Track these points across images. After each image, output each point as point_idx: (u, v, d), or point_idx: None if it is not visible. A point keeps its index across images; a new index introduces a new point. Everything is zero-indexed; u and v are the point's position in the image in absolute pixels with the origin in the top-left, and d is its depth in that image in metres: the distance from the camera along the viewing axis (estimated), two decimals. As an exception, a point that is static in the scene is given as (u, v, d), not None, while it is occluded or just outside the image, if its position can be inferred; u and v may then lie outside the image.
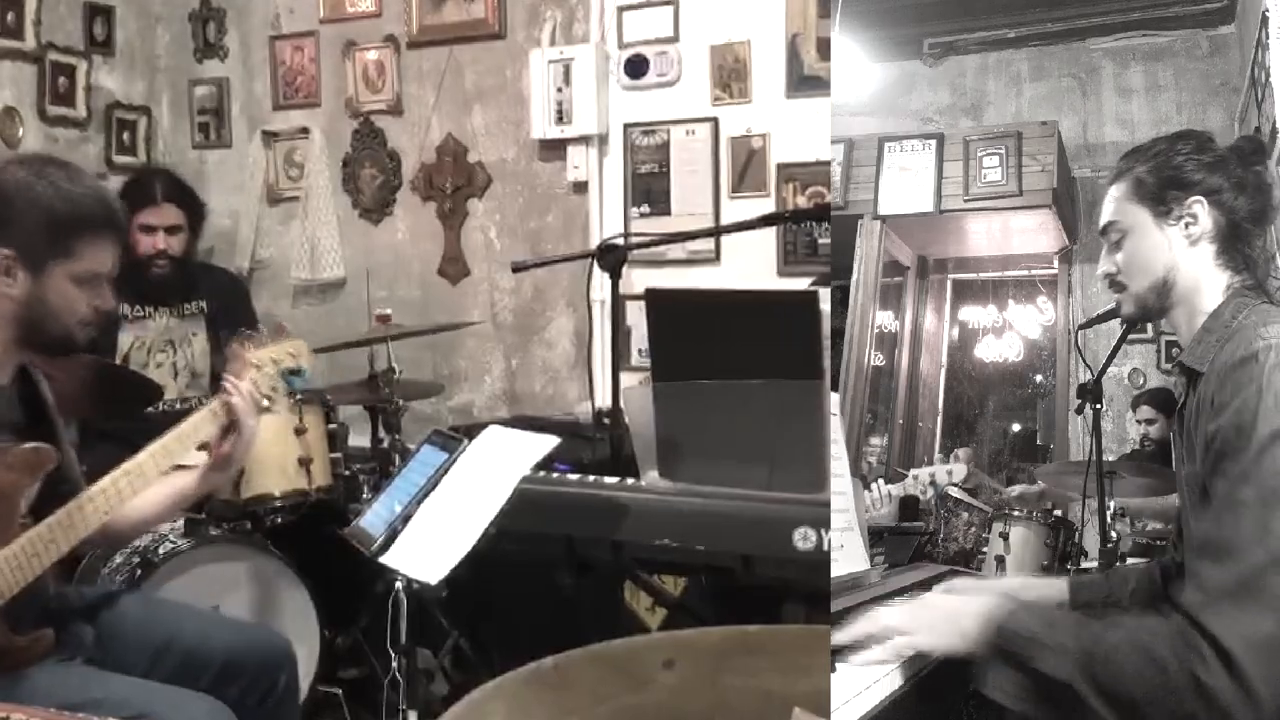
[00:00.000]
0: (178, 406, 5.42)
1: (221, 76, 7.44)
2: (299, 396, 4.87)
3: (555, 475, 3.11)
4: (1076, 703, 2.16)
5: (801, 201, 5.92)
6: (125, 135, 7.16)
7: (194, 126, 7.52)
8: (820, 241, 5.92)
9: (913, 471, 5.84)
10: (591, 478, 3.05)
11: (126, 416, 4.82)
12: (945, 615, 2.41)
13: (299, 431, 4.88)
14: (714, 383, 2.96)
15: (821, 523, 2.61)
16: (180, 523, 4.73)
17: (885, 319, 8.95)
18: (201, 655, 3.51)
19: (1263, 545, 2.06)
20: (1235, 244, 2.55)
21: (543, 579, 3.74)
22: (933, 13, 8.79)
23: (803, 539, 2.61)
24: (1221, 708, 2.00)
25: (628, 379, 4.33)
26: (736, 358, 2.98)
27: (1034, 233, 8.50)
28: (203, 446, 3.57)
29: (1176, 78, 8.52)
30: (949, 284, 9.89)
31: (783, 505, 2.70)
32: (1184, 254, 2.56)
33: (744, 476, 2.89)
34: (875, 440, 8.96)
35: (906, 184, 7.82)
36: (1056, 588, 3.09)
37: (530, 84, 6.38)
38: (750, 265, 6.01)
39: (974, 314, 9.79)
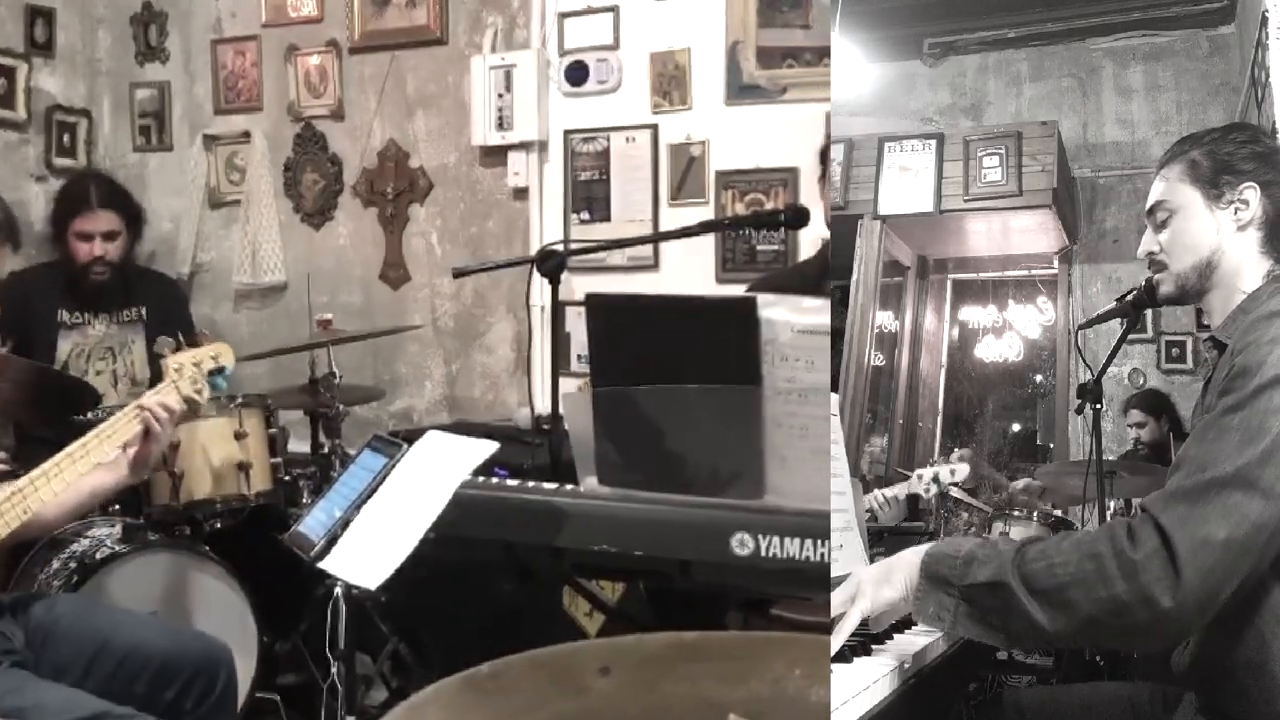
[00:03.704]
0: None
1: (163, 80, 7.41)
2: (240, 400, 4.89)
3: (494, 480, 3.11)
4: (1008, 608, 2.24)
5: (740, 209, 5.95)
6: (65, 138, 7.11)
7: (135, 130, 7.48)
8: (759, 249, 5.95)
9: (917, 471, 5.88)
10: (530, 483, 3.04)
11: (64, 422, 4.81)
12: (876, 575, 2.50)
13: (239, 436, 4.87)
14: (652, 388, 2.96)
15: (759, 528, 2.63)
16: (118, 527, 4.71)
17: (885, 319, 9.03)
18: (138, 658, 3.52)
19: (1232, 462, 2.17)
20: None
21: (482, 584, 3.75)
22: (933, 13, 8.87)
23: (740, 545, 2.62)
24: (1144, 586, 2.10)
25: (567, 384, 4.34)
26: (675, 363, 2.98)
27: (1034, 233, 8.56)
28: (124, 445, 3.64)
29: (1176, 78, 8.61)
30: (949, 284, 9.96)
31: (720, 511, 2.71)
32: (1231, 237, 2.67)
33: (682, 482, 2.90)
34: (875, 440, 9.00)
35: (906, 184, 7.86)
36: None
37: (472, 90, 6.39)
38: (689, 272, 6.04)
39: (974, 314, 9.88)
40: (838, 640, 2.42)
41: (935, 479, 5.75)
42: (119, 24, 7.45)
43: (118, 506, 4.93)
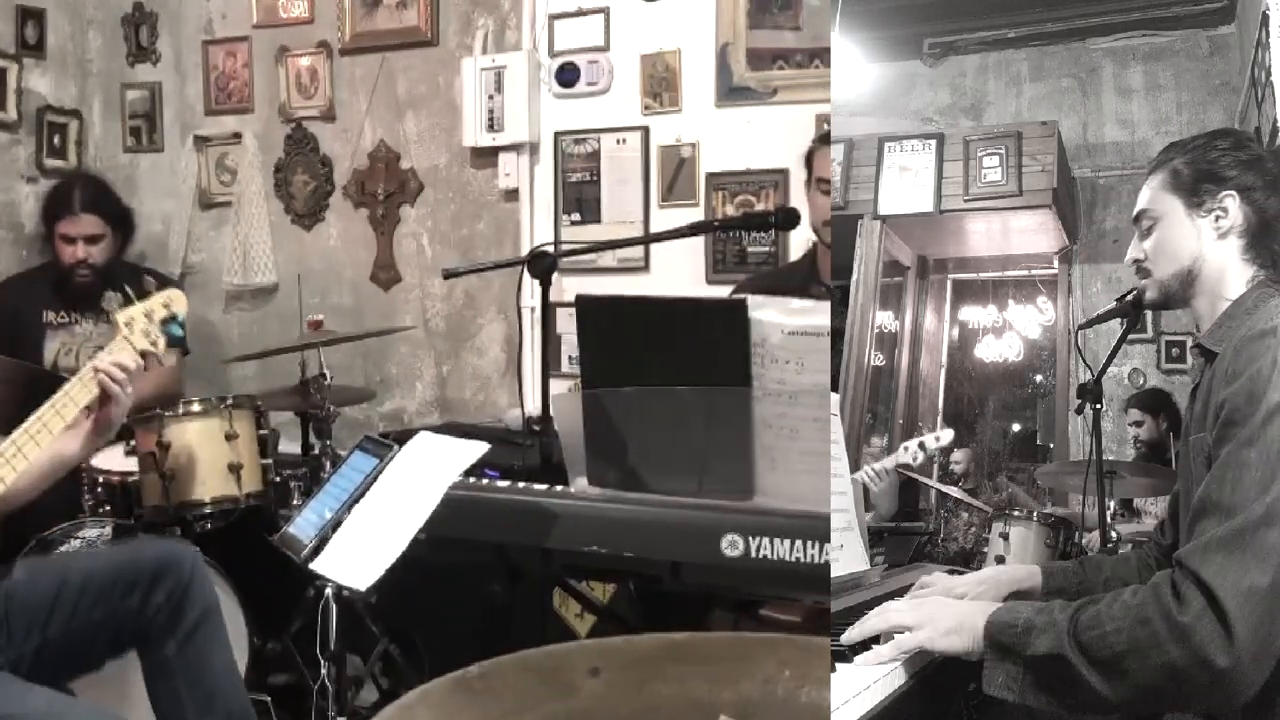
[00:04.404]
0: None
1: (154, 81, 7.41)
2: (230, 401, 4.88)
3: (485, 482, 3.11)
4: (1071, 680, 2.20)
5: (730, 210, 5.95)
6: (56, 139, 7.10)
7: (126, 130, 7.49)
8: (750, 250, 5.95)
9: (903, 444, 5.89)
10: (521, 484, 3.04)
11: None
12: (950, 615, 2.47)
13: (229, 437, 4.86)
14: (643, 390, 2.97)
15: (749, 529, 2.63)
16: (109, 528, 4.71)
17: (885, 319, 9.01)
18: (95, 584, 3.52)
19: (1261, 503, 2.13)
20: (1264, 240, 2.65)
21: (472, 586, 3.75)
22: (933, 13, 8.86)
23: (731, 546, 2.62)
24: (1198, 648, 2.06)
25: (558, 385, 4.33)
26: (666, 365, 2.99)
27: (1034, 233, 8.56)
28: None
29: (1176, 78, 8.61)
30: (949, 284, 9.96)
31: (711, 512, 2.71)
32: (1211, 245, 2.67)
33: (672, 483, 2.90)
34: (875, 440, 9.00)
35: (906, 184, 7.85)
36: (1030, 572, 3.14)
37: (462, 91, 6.38)
38: (679, 274, 6.04)
39: (974, 314, 9.88)
40: (890, 653, 2.43)
41: (921, 446, 5.76)
42: (110, 25, 7.44)
43: (108, 508, 4.93)
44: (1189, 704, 2.40)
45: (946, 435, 6.01)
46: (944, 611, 2.51)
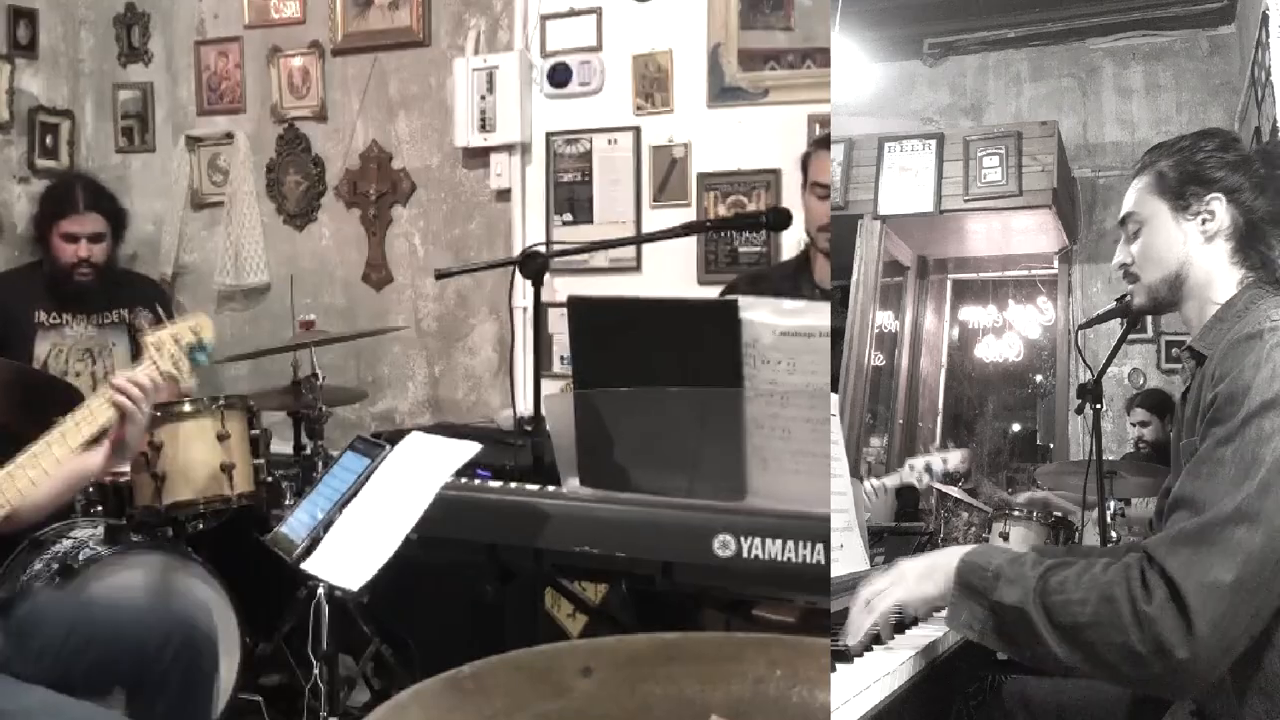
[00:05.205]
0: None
1: (146, 81, 7.40)
2: (222, 401, 4.87)
3: (477, 482, 3.12)
4: (1031, 635, 2.24)
5: (722, 211, 5.95)
6: (48, 139, 7.10)
7: (118, 131, 7.48)
8: (741, 251, 5.95)
9: (909, 461, 5.87)
10: (513, 484, 3.05)
11: (43, 422, 4.79)
12: (921, 564, 2.52)
13: (221, 437, 4.85)
14: (635, 390, 2.97)
15: (741, 529, 2.64)
16: (101, 529, 4.70)
17: (885, 319, 9.04)
18: (103, 635, 3.51)
19: (1232, 499, 2.14)
20: (1252, 243, 2.62)
21: (464, 586, 3.75)
22: (933, 13, 8.89)
23: (722, 546, 2.63)
24: (1158, 638, 2.08)
25: (550, 386, 4.33)
26: (658, 365, 2.99)
27: (1034, 233, 8.58)
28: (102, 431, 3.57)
29: (1176, 78, 8.63)
30: (949, 284, 9.98)
31: (703, 513, 2.72)
32: (1198, 249, 2.65)
33: (664, 484, 2.91)
34: (875, 440, 9.00)
35: (906, 184, 7.87)
36: None
37: (454, 92, 6.38)
38: (671, 274, 6.04)
39: (974, 314, 9.91)
40: (868, 620, 2.48)
41: (928, 468, 5.74)
42: (102, 25, 7.44)
43: (100, 508, 4.92)
44: (1144, 687, 2.44)
45: (954, 458, 5.96)
46: (914, 564, 2.55)
